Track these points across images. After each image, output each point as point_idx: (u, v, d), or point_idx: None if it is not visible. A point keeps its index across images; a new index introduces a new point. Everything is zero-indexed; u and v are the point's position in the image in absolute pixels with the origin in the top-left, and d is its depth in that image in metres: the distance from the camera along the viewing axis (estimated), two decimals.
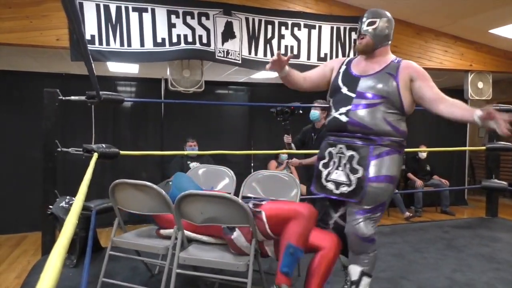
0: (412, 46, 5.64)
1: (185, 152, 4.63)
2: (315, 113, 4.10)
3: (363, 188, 2.03)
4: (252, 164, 6.04)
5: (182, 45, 4.43)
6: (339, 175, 2.12)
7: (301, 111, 3.99)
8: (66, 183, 4.87)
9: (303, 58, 5.00)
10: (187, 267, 2.36)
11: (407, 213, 6.11)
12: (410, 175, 6.59)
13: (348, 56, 5.13)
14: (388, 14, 2.25)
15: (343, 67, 2.29)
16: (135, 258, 2.76)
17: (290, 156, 4.76)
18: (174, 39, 4.42)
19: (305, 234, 1.95)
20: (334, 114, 2.18)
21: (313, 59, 5.03)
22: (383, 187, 2.05)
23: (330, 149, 2.19)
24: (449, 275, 2.74)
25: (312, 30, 5.00)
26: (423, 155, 6.53)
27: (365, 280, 2.09)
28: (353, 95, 2.13)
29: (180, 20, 4.42)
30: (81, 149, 2.99)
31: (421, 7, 5.09)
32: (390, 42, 2.25)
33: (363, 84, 2.13)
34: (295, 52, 4.96)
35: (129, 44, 4.27)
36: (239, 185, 2.85)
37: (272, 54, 4.88)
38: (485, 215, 4.59)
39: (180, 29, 4.42)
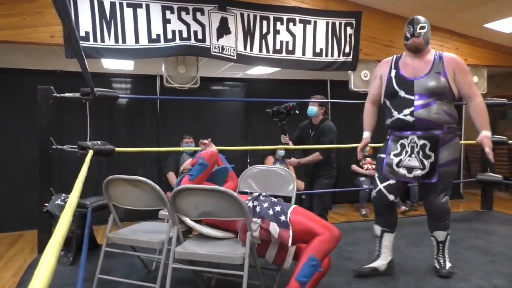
0: None
1: (181, 149, 4.62)
2: (313, 109, 4.08)
3: (436, 171, 2.47)
4: (248, 160, 6.04)
5: (177, 41, 4.42)
6: (412, 161, 2.51)
7: (297, 111, 3.96)
8: (62, 181, 4.85)
9: (298, 54, 4.99)
10: (184, 262, 2.36)
11: (403, 207, 6.14)
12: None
13: (344, 50, 5.14)
14: None
15: (393, 71, 2.60)
16: (132, 255, 2.77)
17: (287, 154, 4.76)
18: (169, 35, 4.40)
19: (329, 252, 2.05)
20: (399, 115, 2.54)
21: (308, 54, 5.02)
22: (451, 169, 2.53)
23: (401, 141, 2.56)
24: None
25: (308, 26, 4.99)
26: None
27: (448, 238, 2.68)
28: (412, 97, 2.48)
29: (175, 16, 4.40)
30: (76, 147, 2.97)
31: (417, 2, 5.09)
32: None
33: (418, 87, 2.48)
34: (290, 47, 4.95)
35: (124, 41, 4.25)
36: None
37: (267, 50, 4.87)
38: (480, 208, 4.62)
39: (175, 25, 4.39)
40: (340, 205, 6.53)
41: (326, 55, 5.12)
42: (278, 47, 4.90)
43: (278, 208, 2.10)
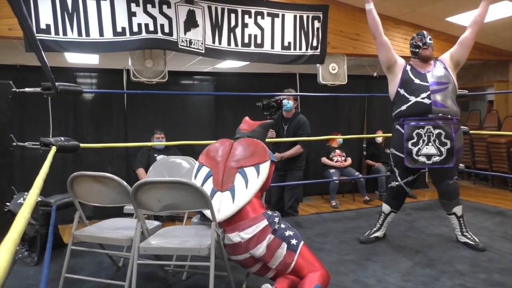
0: None
1: (150, 144, 4.53)
2: (289, 103, 4.08)
3: (454, 156, 2.82)
4: None
5: (143, 35, 4.33)
6: (429, 149, 2.81)
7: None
8: (25, 180, 4.69)
9: (266, 47, 4.99)
10: (152, 258, 2.33)
11: (366, 197, 6.31)
12: (368, 161, 6.81)
13: (312, 43, 5.18)
14: None
15: (408, 66, 2.98)
16: (100, 253, 2.71)
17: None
18: (135, 28, 4.30)
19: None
20: (416, 99, 2.83)
21: (277, 47, 5.03)
22: (461, 155, 2.97)
23: (417, 130, 2.83)
24: (412, 255, 2.83)
25: (276, 19, 5.00)
26: (379, 140, 6.74)
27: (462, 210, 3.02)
28: (427, 84, 2.84)
29: (140, 9, 4.30)
30: (38, 143, 2.87)
31: None
32: None
33: (430, 77, 2.87)
34: (259, 41, 4.94)
35: (88, 34, 4.12)
36: None
37: (236, 43, 4.84)
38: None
39: (141, 18, 4.30)
40: (310, 197, 6.60)
41: (295, 49, 5.14)
42: (246, 40, 4.89)
43: (292, 232, 2.09)
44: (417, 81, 2.87)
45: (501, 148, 6.86)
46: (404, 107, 2.89)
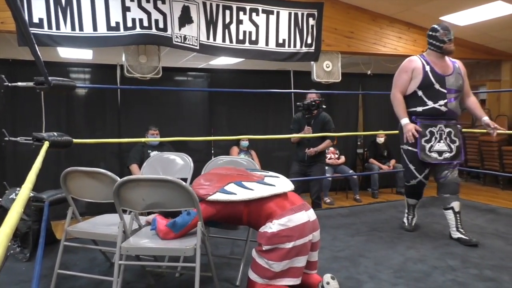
0: (368, 32, 5.76)
1: (143, 140, 4.51)
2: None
3: (461, 152, 3.09)
4: (212, 151, 6.01)
5: (138, 30, 4.30)
6: (441, 146, 3.04)
7: (324, 106, 4.51)
8: (17, 175, 4.65)
9: (261, 44, 4.99)
10: (144, 258, 2.33)
11: (357, 196, 6.27)
12: (372, 160, 6.81)
13: (306, 41, 5.18)
14: None
15: (427, 66, 3.05)
16: (93, 249, 2.71)
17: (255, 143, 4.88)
18: (129, 24, 4.28)
19: None
20: (434, 105, 3.01)
21: (272, 45, 5.03)
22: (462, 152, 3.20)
23: (430, 128, 3.03)
24: (404, 251, 2.86)
25: (270, 16, 4.99)
26: (381, 140, 6.73)
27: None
28: (445, 90, 3.01)
29: (135, 4, 4.28)
30: (31, 138, 2.85)
31: None
32: None
33: (449, 82, 3.03)
34: (253, 38, 4.93)
35: (81, 28, 4.09)
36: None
37: (230, 40, 4.83)
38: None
39: (135, 13, 4.28)
40: (304, 194, 6.60)
41: (289, 46, 5.14)
42: (241, 37, 4.88)
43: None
44: (437, 86, 3.01)
45: (493, 146, 6.92)
46: (420, 109, 3.06)
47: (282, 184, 2.13)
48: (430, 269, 2.53)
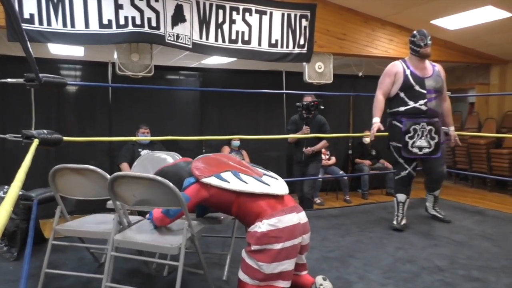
0: (360, 34, 5.80)
1: (134, 138, 4.49)
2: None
3: (439, 148, 3.39)
4: (204, 150, 5.99)
5: (130, 28, 4.28)
6: (422, 142, 3.35)
7: (322, 107, 4.73)
8: (5, 173, 4.60)
9: (254, 44, 4.99)
10: (133, 252, 2.32)
11: (347, 197, 6.36)
12: (357, 160, 6.85)
13: (299, 42, 5.20)
14: None
15: (407, 70, 3.34)
16: (82, 249, 2.69)
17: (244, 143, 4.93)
18: (122, 21, 4.25)
19: None
20: (415, 104, 3.30)
21: (264, 45, 5.03)
22: (444, 146, 3.50)
23: (414, 126, 3.34)
24: (393, 252, 2.88)
25: (263, 16, 4.99)
26: (367, 140, 6.78)
27: None
28: (424, 91, 3.30)
29: (127, 2, 4.25)
30: (20, 135, 2.82)
31: None
32: None
33: (428, 84, 3.32)
34: (246, 38, 4.93)
35: (73, 25, 4.05)
36: None
37: (223, 40, 4.83)
38: (425, 196, 4.85)
39: (128, 11, 4.25)
40: (294, 194, 6.61)
41: (282, 46, 5.15)
42: (234, 37, 4.88)
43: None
44: (417, 87, 3.30)
45: (481, 149, 7.01)
46: (402, 109, 3.36)
47: (277, 186, 2.13)
48: (418, 269, 2.56)
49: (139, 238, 2.08)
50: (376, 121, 3.34)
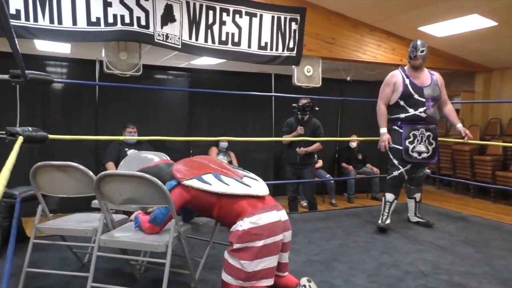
0: (349, 39, 5.85)
1: (121, 138, 4.44)
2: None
3: (436, 153, 3.62)
4: (191, 151, 5.97)
5: (119, 26, 4.24)
6: (421, 147, 3.52)
7: (317, 108, 4.80)
8: None
9: (243, 46, 4.99)
10: (119, 252, 2.29)
11: (333, 201, 6.40)
12: (343, 164, 6.89)
13: (288, 45, 5.22)
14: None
15: (406, 79, 3.52)
16: (65, 249, 2.65)
17: (230, 144, 4.87)
18: (110, 19, 4.21)
19: None
20: (415, 112, 3.48)
21: (254, 47, 5.04)
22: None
23: (413, 132, 3.51)
24: (378, 256, 2.91)
25: (254, 18, 5.00)
26: (353, 144, 6.84)
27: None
28: (423, 99, 3.47)
29: (116, 0, 4.21)
30: (4, 132, 2.76)
31: (359, 2, 5.28)
32: None
33: (427, 92, 3.49)
34: (236, 39, 4.93)
35: (60, 22, 4.00)
36: None
37: (213, 41, 4.82)
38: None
39: (117, 9, 4.21)
40: (281, 197, 6.62)
41: (271, 49, 5.16)
42: (224, 38, 4.87)
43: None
44: (416, 96, 3.47)
45: (465, 155, 7.12)
46: (403, 115, 3.53)
47: (258, 187, 2.14)
48: (402, 274, 2.59)
49: (125, 237, 2.07)
50: (384, 131, 3.58)
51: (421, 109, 3.47)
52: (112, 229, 2.15)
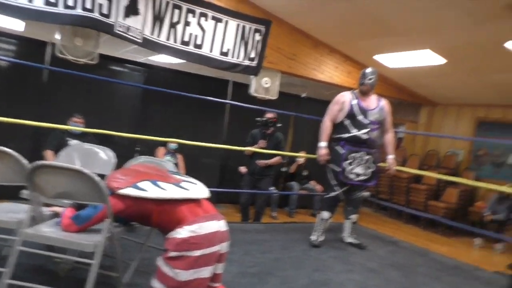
0: (309, 57, 6.00)
1: (65, 127, 4.24)
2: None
3: (374, 177, 3.77)
4: (137, 148, 5.80)
5: (79, 11, 4.07)
6: (359, 169, 3.66)
7: (279, 124, 4.99)
8: None
9: (205, 50, 4.97)
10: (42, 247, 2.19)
11: (274, 214, 6.47)
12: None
13: (249, 54, 5.26)
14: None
15: (354, 101, 3.67)
16: None
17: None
18: (70, 2, 4.03)
19: None
20: (357, 133, 3.62)
21: (215, 52, 5.03)
22: (377, 175, 3.89)
23: (353, 154, 3.64)
24: (310, 273, 2.99)
25: (219, 24, 4.99)
26: (301, 160, 6.98)
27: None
28: (367, 121, 3.62)
29: None
30: None
31: (322, 23, 5.44)
32: None
33: (371, 115, 3.65)
34: (199, 42, 4.90)
35: None
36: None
37: (175, 40, 4.75)
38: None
39: None
40: (222, 204, 6.59)
41: (232, 56, 5.18)
42: (186, 39, 4.82)
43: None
44: (360, 117, 3.62)
45: (402, 182, 7.50)
46: (346, 135, 3.66)
47: (196, 190, 2.12)
48: None
49: (52, 232, 1.97)
50: (323, 145, 3.69)
51: (364, 131, 3.61)
52: (40, 223, 2.04)
